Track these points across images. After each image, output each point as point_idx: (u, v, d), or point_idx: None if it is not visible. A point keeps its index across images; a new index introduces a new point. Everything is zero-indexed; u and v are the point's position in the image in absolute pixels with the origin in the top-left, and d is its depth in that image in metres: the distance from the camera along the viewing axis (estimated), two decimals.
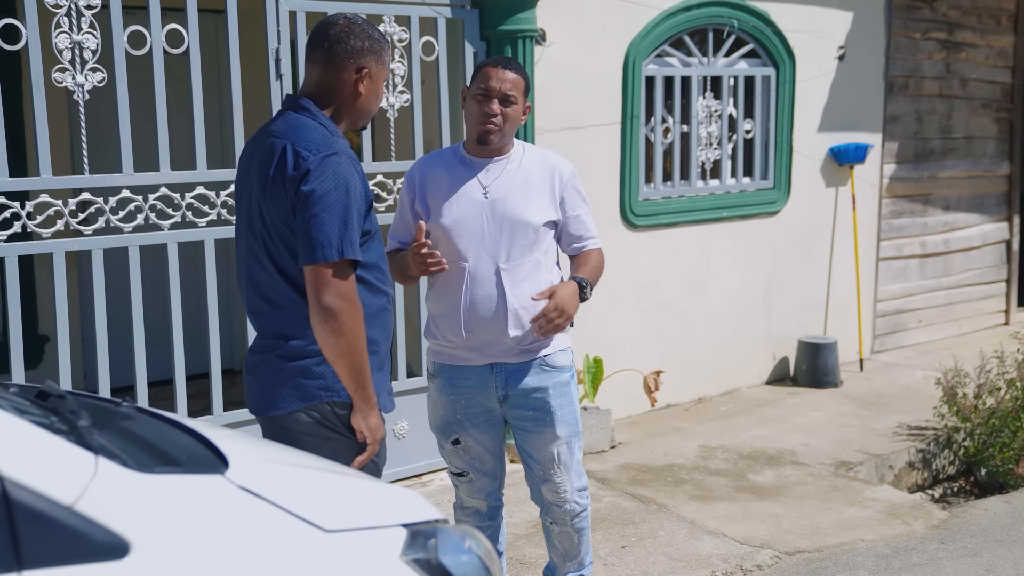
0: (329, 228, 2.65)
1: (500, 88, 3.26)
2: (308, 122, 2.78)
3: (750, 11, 6.70)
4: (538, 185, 3.34)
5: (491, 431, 3.46)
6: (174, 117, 4.65)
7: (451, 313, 3.31)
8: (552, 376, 3.37)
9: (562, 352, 3.41)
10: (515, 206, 3.29)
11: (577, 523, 3.49)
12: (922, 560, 4.44)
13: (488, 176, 3.33)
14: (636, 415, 6.38)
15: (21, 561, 1.63)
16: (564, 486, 3.43)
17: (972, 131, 8.48)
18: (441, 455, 3.56)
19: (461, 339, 3.31)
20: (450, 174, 3.35)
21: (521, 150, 3.40)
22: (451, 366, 3.39)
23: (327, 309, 2.67)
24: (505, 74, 3.27)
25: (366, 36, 2.83)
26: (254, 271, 2.84)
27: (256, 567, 1.82)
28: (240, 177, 2.93)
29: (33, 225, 4.15)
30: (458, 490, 3.57)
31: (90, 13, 4.18)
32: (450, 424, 3.43)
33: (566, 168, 3.40)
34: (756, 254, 7.04)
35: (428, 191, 3.35)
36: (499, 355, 3.33)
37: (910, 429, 6.26)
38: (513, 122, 3.31)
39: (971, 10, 8.22)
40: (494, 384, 3.36)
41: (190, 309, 5.08)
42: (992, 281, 8.88)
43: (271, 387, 2.81)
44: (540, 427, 3.38)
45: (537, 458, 3.43)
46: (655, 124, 6.44)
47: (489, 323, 3.28)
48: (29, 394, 2.27)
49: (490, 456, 3.49)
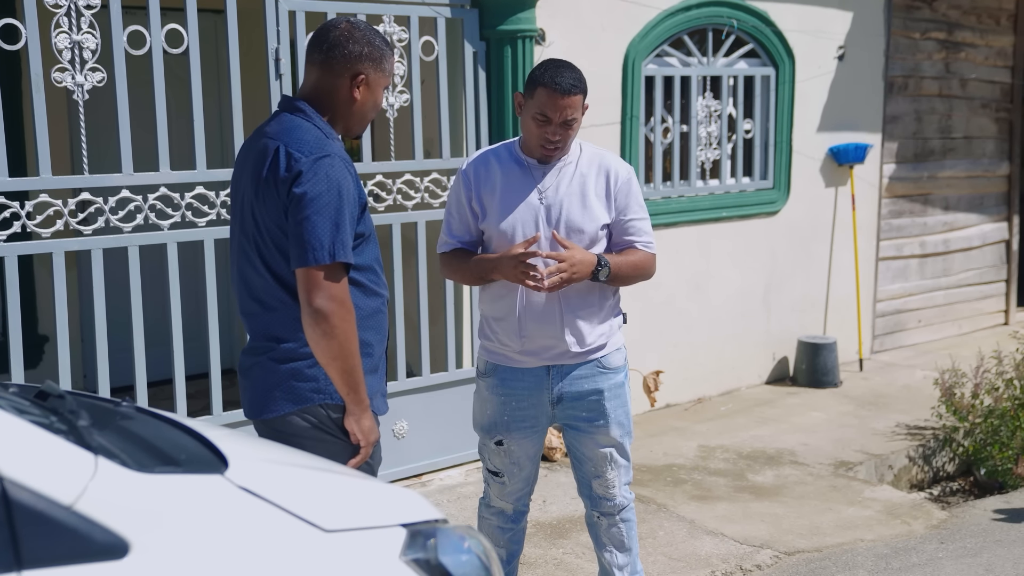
0: (321, 231, 2.64)
1: (562, 116, 3.18)
2: (302, 123, 2.76)
3: (750, 11, 6.70)
4: (593, 188, 3.30)
5: (535, 436, 3.46)
6: (174, 117, 4.65)
7: (507, 318, 3.30)
8: (608, 378, 3.37)
9: (617, 351, 3.41)
10: (570, 211, 3.26)
11: (625, 514, 3.51)
12: (921, 560, 4.44)
13: (544, 179, 3.30)
14: (636, 415, 6.34)
15: (21, 561, 1.63)
16: (614, 481, 3.45)
17: (972, 131, 8.48)
18: (480, 452, 3.55)
19: (517, 344, 3.31)
20: (504, 174, 3.31)
21: (578, 151, 3.35)
22: (505, 367, 3.38)
23: (319, 312, 2.65)
24: (566, 100, 3.16)
25: (366, 42, 2.80)
26: (246, 272, 2.84)
27: (256, 567, 1.82)
28: (235, 178, 2.92)
29: (33, 225, 4.15)
30: (488, 488, 3.57)
31: (90, 13, 4.18)
32: (496, 425, 3.42)
33: (623, 170, 3.35)
34: (756, 254, 7.04)
35: (483, 190, 3.32)
36: (555, 358, 3.32)
37: (909, 429, 6.26)
38: (574, 134, 3.27)
39: (971, 10, 8.22)
40: (549, 386, 3.35)
41: (190, 309, 5.08)
42: (991, 281, 8.88)
43: (264, 390, 2.80)
44: (594, 428, 3.39)
45: (590, 456, 3.44)
46: (655, 124, 6.44)
47: (545, 329, 3.28)
48: (29, 394, 2.27)
49: (529, 461, 3.49)
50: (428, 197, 5.27)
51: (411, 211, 5.21)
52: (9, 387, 2.40)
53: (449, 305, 5.33)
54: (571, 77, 3.19)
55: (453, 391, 5.31)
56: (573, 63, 3.29)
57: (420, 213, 5.20)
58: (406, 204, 5.21)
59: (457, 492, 5.11)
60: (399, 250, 5.15)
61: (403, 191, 5.20)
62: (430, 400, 5.26)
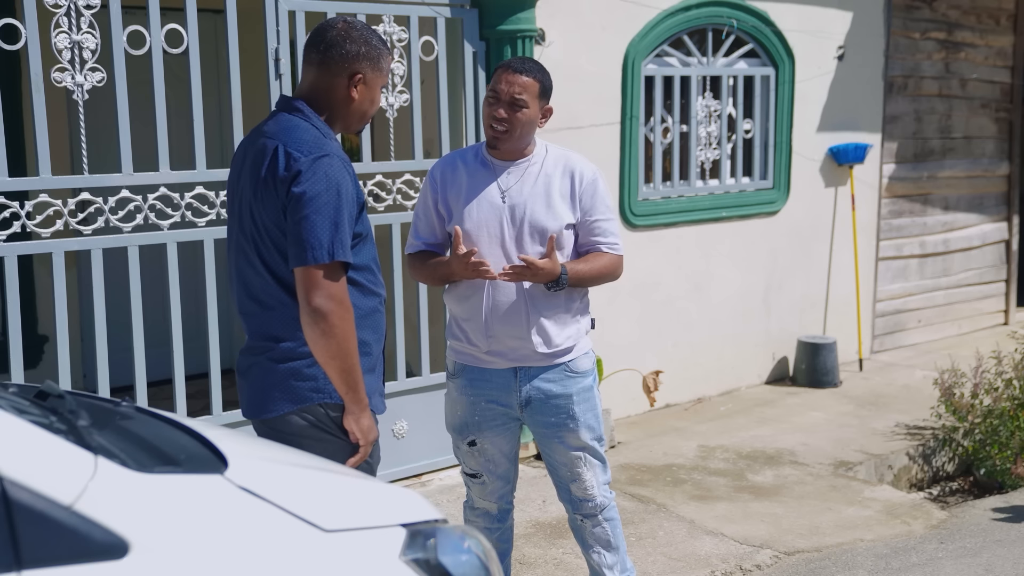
0: (320, 230, 2.64)
1: (509, 91, 3.20)
2: (300, 123, 2.76)
3: (749, 11, 6.70)
4: (558, 189, 3.29)
5: (508, 435, 3.45)
6: (173, 117, 4.65)
7: (473, 318, 3.30)
8: (576, 382, 3.36)
9: (585, 356, 3.40)
10: (534, 211, 3.26)
11: (607, 514, 3.50)
12: (921, 560, 4.44)
13: (508, 179, 3.30)
14: (635, 415, 6.38)
15: (20, 561, 1.63)
16: (591, 482, 3.44)
17: (971, 131, 8.48)
18: (455, 455, 3.55)
19: (484, 344, 3.30)
20: (470, 176, 3.32)
21: (543, 152, 3.35)
22: (473, 367, 3.37)
23: (317, 311, 2.65)
24: (515, 77, 3.21)
25: (363, 41, 2.80)
26: (244, 272, 2.84)
27: (255, 567, 1.82)
28: (232, 178, 2.92)
29: (32, 225, 4.15)
30: (470, 490, 3.57)
31: (89, 13, 4.18)
32: (467, 425, 3.42)
33: (587, 171, 3.34)
34: (755, 254, 7.04)
35: (449, 192, 3.33)
36: (522, 359, 3.32)
37: (909, 429, 6.26)
38: (526, 126, 3.25)
39: (970, 10, 8.22)
40: (516, 389, 3.35)
41: (189, 309, 5.08)
42: (991, 281, 8.88)
43: (263, 390, 2.80)
44: (564, 433, 3.38)
45: (563, 460, 3.43)
46: (654, 124, 6.44)
47: (511, 329, 3.27)
48: (28, 394, 2.27)
49: (505, 459, 3.49)
50: None
51: (411, 211, 5.20)
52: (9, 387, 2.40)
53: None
54: (526, 61, 3.27)
55: None
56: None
57: None
58: (406, 204, 5.22)
59: (457, 492, 5.11)
60: (399, 250, 5.15)
61: (403, 191, 5.20)
62: (430, 400, 5.26)
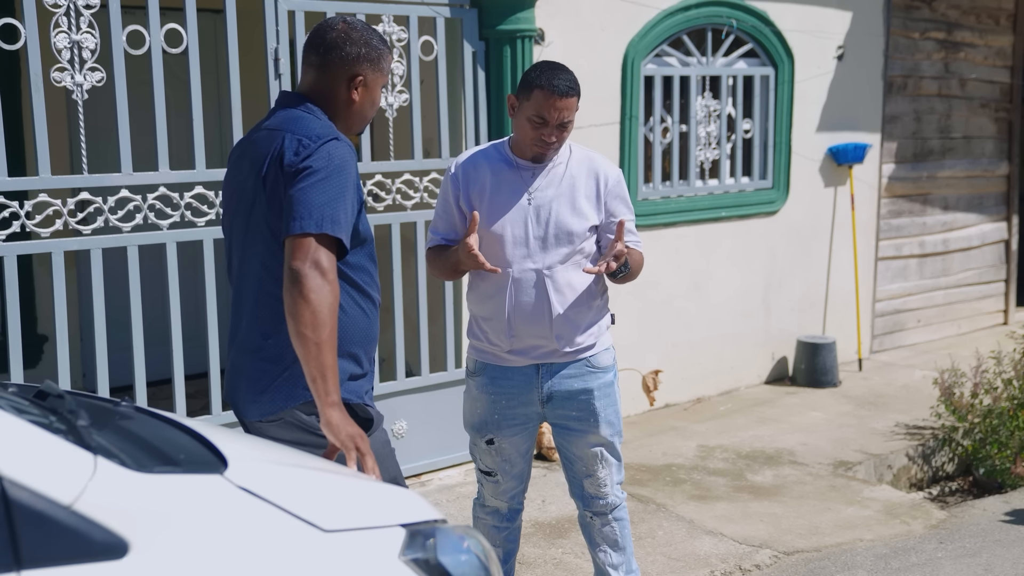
0: (313, 200, 2.55)
1: (559, 117, 3.19)
2: (305, 115, 2.73)
3: (749, 11, 6.70)
4: (583, 190, 3.31)
5: (525, 435, 3.46)
6: (173, 117, 4.65)
7: (495, 318, 3.30)
8: (597, 377, 3.38)
9: (606, 351, 3.43)
10: (559, 212, 3.27)
11: (617, 513, 3.51)
12: (921, 560, 4.44)
13: (534, 179, 3.30)
14: (635, 415, 6.38)
15: (20, 561, 1.63)
16: (605, 480, 3.45)
17: (971, 131, 8.48)
18: (471, 452, 3.56)
19: (506, 343, 3.31)
20: (494, 174, 3.31)
21: (567, 152, 3.35)
22: (494, 366, 3.38)
23: (295, 272, 2.49)
24: (564, 103, 3.17)
25: (363, 43, 2.76)
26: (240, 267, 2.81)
27: (255, 567, 1.82)
28: (230, 174, 2.87)
29: (32, 225, 4.15)
30: (482, 488, 3.57)
31: (89, 13, 4.18)
32: (487, 424, 3.43)
33: (612, 173, 3.36)
34: (755, 254, 7.04)
35: (472, 190, 3.31)
36: (544, 357, 3.33)
37: (908, 429, 6.26)
38: (568, 135, 3.28)
39: (970, 10, 8.22)
40: (538, 385, 3.36)
41: (189, 309, 5.07)
42: (991, 281, 8.88)
43: (255, 390, 2.76)
44: (584, 428, 3.40)
45: (580, 455, 3.45)
46: (654, 124, 6.44)
47: (534, 328, 3.28)
48: (28, 394, 2.27)
49: (520, 459, 3.50)
50: (427, 197, 5.26)
51: (410, 211, 5.21)
52: (8, 387, 2.40)
53: (448, 305, 5.33)
54: (567, 79, 3.20)
55: (452, 391, 5.31)
56: (566, 65, 3.29)
57: (419, 213, 5.20)
58: (405, 204, 5.22)
59: (456, 492, 5.11)
60: (398, 250, 5.15)
61: (402, 191, 5.20)
62: (429, 400, 5.26)
